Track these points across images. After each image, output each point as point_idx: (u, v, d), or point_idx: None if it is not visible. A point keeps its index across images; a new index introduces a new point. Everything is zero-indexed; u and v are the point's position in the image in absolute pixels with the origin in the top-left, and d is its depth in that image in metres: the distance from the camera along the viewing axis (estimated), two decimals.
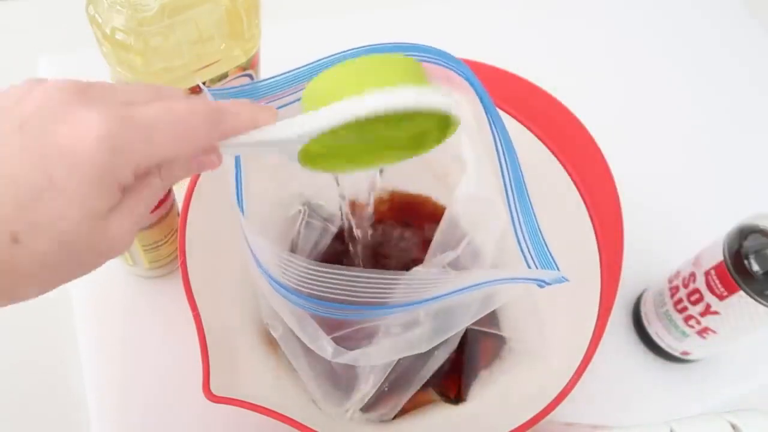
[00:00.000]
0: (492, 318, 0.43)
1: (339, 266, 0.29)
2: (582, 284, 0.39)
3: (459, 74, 0.32)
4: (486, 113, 0.32)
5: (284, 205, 0.44)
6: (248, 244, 0.31)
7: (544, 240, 0.31)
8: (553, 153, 0.41)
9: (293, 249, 0.44)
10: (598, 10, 0.73)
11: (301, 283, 0.30)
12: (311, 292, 0.30)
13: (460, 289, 0.30)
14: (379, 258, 0.46)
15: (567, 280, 0.29)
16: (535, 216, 0.32)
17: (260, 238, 0.30)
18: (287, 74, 0.32)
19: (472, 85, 0.32)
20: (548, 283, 0.30)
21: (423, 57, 0.32)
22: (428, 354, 0.37)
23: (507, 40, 0.62)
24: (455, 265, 0.34)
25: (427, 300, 0.30)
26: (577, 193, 0.41)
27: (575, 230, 0.40)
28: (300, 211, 0.44)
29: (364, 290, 0.30)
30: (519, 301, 0.41)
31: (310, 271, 0.30)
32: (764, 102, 0.69)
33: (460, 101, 0.31)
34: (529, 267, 0.31)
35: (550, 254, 0.31)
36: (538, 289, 0.30)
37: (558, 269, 0.30)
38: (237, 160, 0.32)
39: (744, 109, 0.68)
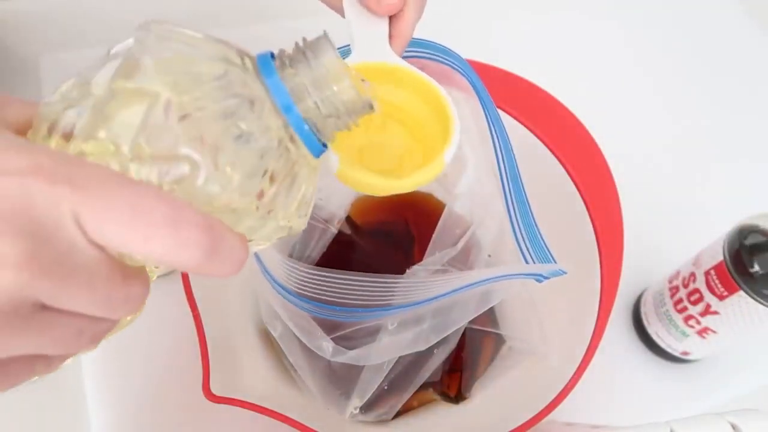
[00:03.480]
0: (491, 318, 0.43)
1: (340, 270, 0.30)
2: (582, 284, 0.39)
3: (458, 71, 0.32)
4: (484, 111, 0.32)
5: None
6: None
7: (541, 236, 0.31)
8: (553, 153, 0.41)
9: (294, 250, 0.44)
10: (598, 10, 0.73)
11: (303, 287, 0.30)
12: (312, 295, 0.30)
13: (459, 288, 0.30)
14: (379, 257, 0.46)
15: (564, 272, 0.29)
16: (532, 213, 0.32)
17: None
18: None
19: (470, 81, 0.32)
20: (546, 278, 0.30)
21: (422, 53, 0.32)
22: (428, 353, 0.37)
23: (507, 40, 0.62)
24: (454, 263, 0.34)
25: (426, 300, 0.30)
26: (576, 193, 0.41)
27: (575, 230, 0.40)
28: None
29: (365, 293, 0.30)
30: (518, 301, 0.41)
31: (312, 276, 0.30)
32: (764, 102, 0.69)
33: (459, 99, 0.31)
34: (527, 263, 0.31)
35: (548, 249, 0.31)
36: (537, 288, 0.30)
37: (555, 263, 0.30)
38: None
39: (743, 109, 0.68)
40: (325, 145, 0.22)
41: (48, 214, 0.16)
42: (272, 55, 0.21)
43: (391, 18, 0.29)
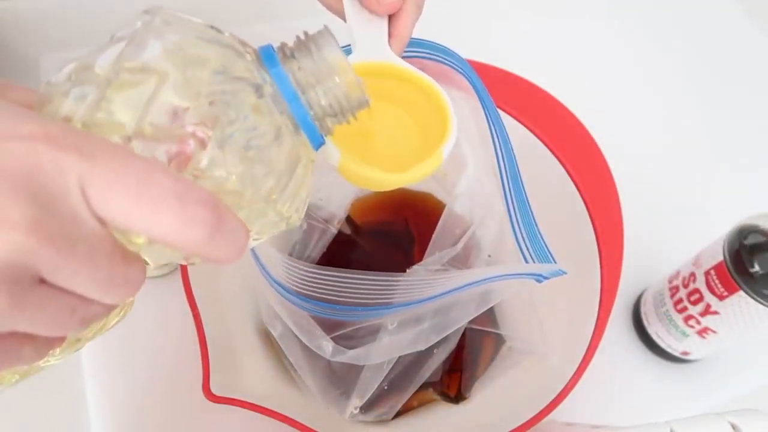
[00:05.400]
0: (491, 318, 0.43)
1: (340, 269, 0.30)
2: (582, 284, 0.39)
3: (458, 71, 0.32)
4: (484, 110, 0.32)
5: None
6: (252, 249, 0.31)
7: (541, 236, 0.31)
8: (553, 153, 0.41)
9: (294, 250, 0.44)
10: (598, 10, 0.73)
11: (303, 286, 0.30)
12: (312, 294, 0.30)
13: (459, 287, 0.30)
14: (379, 257, 0.46)
15: (565, 272, 0.29)
16: (532, 213, 0.32)
17: (264, 244, 0.30)
18: None
19: (470, 81, 0.32)
20: (546, 278, 0.30)
21: (422, 53, 0.32)
22: (428, 353, 0.37)
23: (507, 40, 0.62)
24: (454, 263, 0.34)
25: (426, 299, 0.30)
26: (576, 192, 0.41)
27: (575, 230, 0.40)
28: None
29: (365, 292, 0.30)
30: (518, 301, 0.41)
31: (312, 274, 0.30)
32: (764, 102, 0.69)
33: (458, 99, 0.32)
34: (527, 262, 0.31)
35: (547, 249, 0.31)
36: (537, 288, 0.30)
37: (555, 262, 0.30)
38: None
39: (744, 109, 0.68)
40: (323, 138, 0.22)
41: (54, 181, 0.15)
42: (273, 48, 0.21)
43: (390, 18, 0.29)
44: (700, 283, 0.43)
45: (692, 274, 0.44)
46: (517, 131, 0.41)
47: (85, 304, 0.17)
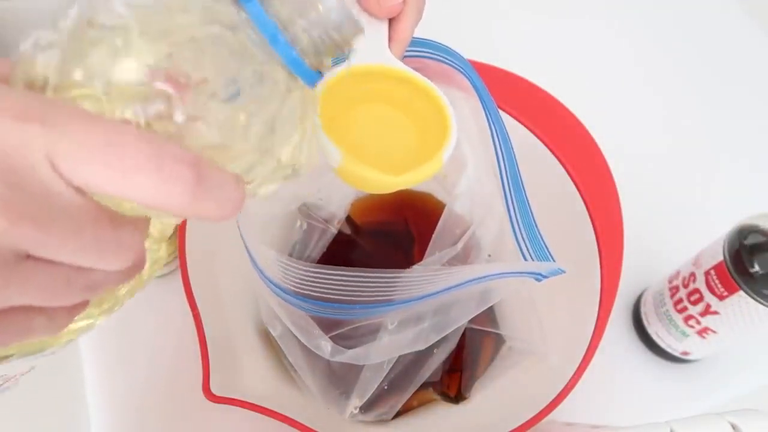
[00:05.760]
0: (491, 317, 0.43)
1: (338, 267, 0.30)
2: (582, 284, 0.39)
3: (458, 70, 0.32)
4: (485, 110, 0.32)
5: (284, 205, 0.44)
6: (248, 250, 0.31)
7: (541, 236, 0.31)
8: (553, 153, 0.41)
9: (294, 250, 0.44)
10: (598, 10, 0.73)
11: (301, 286, 0.30)
12: (311, 293, 0.30)
13: (458, 285, 0.30)
14: (379, 257, 0.46)
15: (563, 271, 0.29)
16: (531, 213, 0.32)
17: (259, 245, 0.30)
18: None
19: (471, 81, 0.32)
20: (545, 276, 0.30)
21: (423, 52, 0.32)
22: (427, 353, 0.37)
23: (507, 40, 0.62)
24: (454, 263, 0.34)
25: (425, 296, 0.30)
26: (576, 192, 0.41)
27: (575, 230, 0.40)
28: (299, 212, 0.44)
29: (364, 289, 0.30)
30: (518, 301, 0.41)
31: (310, 274, 0.30)
32: (764, 102, 0.69)
33: (458, 99, 0.32)
34: (526, 261, 0.31)
35: (547, 248, 0.31)
36: (537, 288, 0.30)
37: (554, 261, 0.30)
38: None
39: (744, 109, 0.68)
40: (320, 73, 0.21)
41: (19, 155, 0.15)
42: None
43: (390, 21, 0.29)
44: (700, 283, 0.43)
45: (692, 274, 0.44)
46: (517, 131, 0.41)
47: (79, 272, 0.17)
